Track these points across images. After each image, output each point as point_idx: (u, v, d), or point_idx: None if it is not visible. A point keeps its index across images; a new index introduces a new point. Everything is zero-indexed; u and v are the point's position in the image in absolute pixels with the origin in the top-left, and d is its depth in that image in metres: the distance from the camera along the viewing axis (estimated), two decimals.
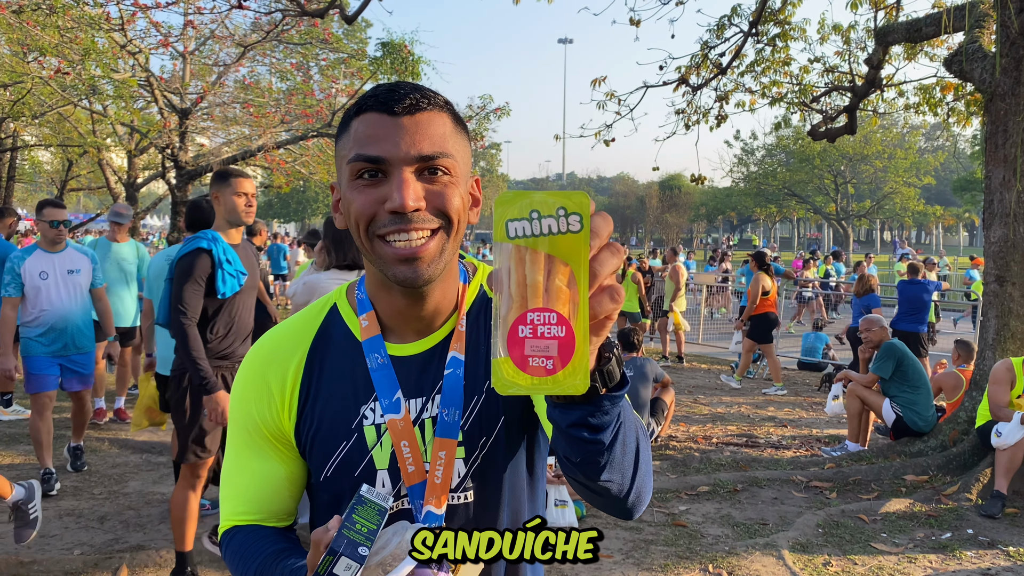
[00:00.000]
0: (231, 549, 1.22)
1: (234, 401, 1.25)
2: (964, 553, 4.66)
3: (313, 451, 1.20)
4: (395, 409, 1.16)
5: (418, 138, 1.06)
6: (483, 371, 1.20)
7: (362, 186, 1.07)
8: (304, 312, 1.27)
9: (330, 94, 13.29)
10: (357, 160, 1.07)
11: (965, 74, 6.59)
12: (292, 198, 54.27)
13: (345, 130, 1.12)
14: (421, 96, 1.09)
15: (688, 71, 9.44)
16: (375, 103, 1.08)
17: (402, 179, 1.05)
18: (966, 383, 6.87)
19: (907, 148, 46.25)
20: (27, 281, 5.14)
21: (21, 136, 16.62)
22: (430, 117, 1.08)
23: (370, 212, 1.07)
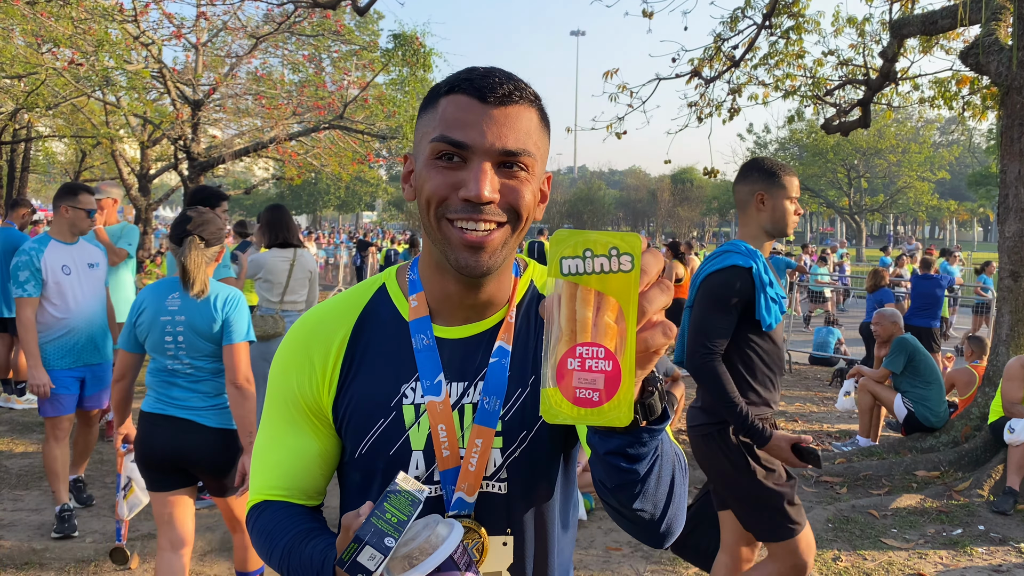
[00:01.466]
0: (259, 524, 1.22)
1: (274, 374, 1.26)
2: (975, 549, 4.63)
3: (350, 427, 1.20)
4: (436, 391, 1.16)
5: (505, 131, 1.07)
6: (530, 365, 1.21)
7: (440, 167, 1.08)
8: (352, 290, 1.29)
9: (342, 86, 13.29)
10: (440, 141, 1.07)
11: (981, 67, 6.52)
12: (304, 190, 54.43)
13: (432, 106, 1.12)
14: (515, 87, 1.09)
15: (701, 63, 9.39)
16: (469, 87, 1.08)
17: (481, 169, 1.06)
18: (979, 379, 6.83)
19: (921, 142, 45.95)
20: (48, 277, 4.31)
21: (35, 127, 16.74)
22: (519, 111, 1.09)
23: (443, 195, 1.08)
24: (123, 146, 15.41)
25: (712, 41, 9.31)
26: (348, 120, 11.94)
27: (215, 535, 4.48)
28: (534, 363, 1.21)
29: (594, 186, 70.97)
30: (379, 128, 12.27)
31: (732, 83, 9.78)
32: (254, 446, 1.29)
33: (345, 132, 12.65)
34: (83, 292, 4.47)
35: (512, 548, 1.20)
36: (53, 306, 4.36)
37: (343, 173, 14.15)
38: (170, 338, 3.04)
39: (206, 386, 3.10)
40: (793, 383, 10.39)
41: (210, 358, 3.09)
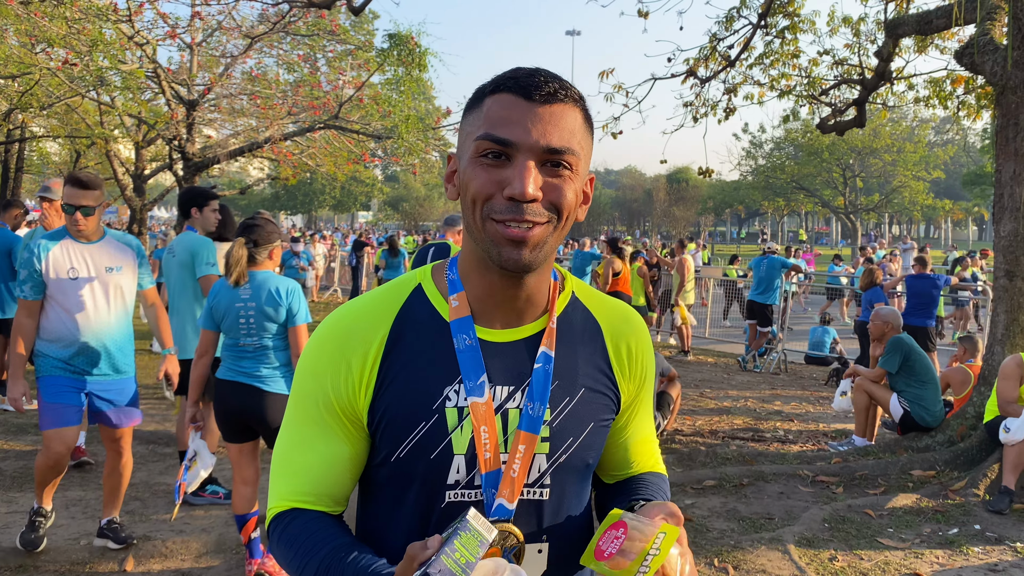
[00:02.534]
0: (287, 535, 1.17)
1: (305, 375, 1.21)
2: (971, 549, 4.64)
3: (387, 431, 1.16)
4: (479, 392, 1.15)
5: (550, 129, 1.08)
6: (579, 374, 1.22)
7: (485, 165, 1.09)
8: (385, 289, 1.26)
9: (337, 86, 13.27)
10: (485, 139, 1.08)
11: (976, 67, 6.53)
12: (299, 190, 54.36)
13: (477, 106, 1.13)
14: (560, 87, 1.10)
15: (696, 63, 9.39)
16: (514, 85, 1.09)
17: (525, 166, 1.07)
18: (974, 378, 6.84)
19: (916, 142, 46.06)
20: (50, 280, 3.80)
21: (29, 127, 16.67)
22: (564, 110, 1.10)
23: (487, 193, 1.09)
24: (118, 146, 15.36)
25: (707, 41, 9.31)
26: (343, 120, 11.93)
27: (210, 536, 4.46)
28: (582, 372, 1.23)
29: None
30: (374, 128, 12.25)
31: (728, 83, 9.78)
32: (275, 450, 1.25)
33: (340, 132, 12.64)
34: (95, 299, 3.87)
35: (547, 555, 1.20)
36: (56, 312, 3.85)
37: (338, 173, 14.12)
38: (243, 320, 3.77)
39: (269, 358, 3.74)
40: (789, 383, 10.40)
41: (273, 336, 3.74)
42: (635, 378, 1.31)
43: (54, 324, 3.84)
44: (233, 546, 4.33)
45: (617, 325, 1.30)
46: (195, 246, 4.93)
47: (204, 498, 5.05)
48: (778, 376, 10.92)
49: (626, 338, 1.30)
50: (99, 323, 3.90)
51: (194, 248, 4.92)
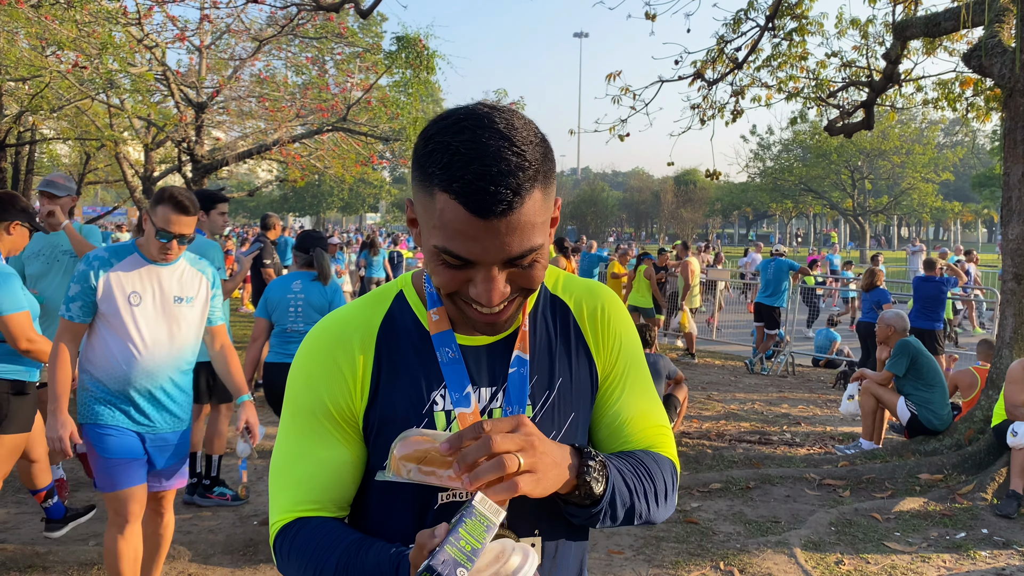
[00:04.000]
0: (297, 544, 1.17)
1: (298, 384, 1.22)
2: (978, 553, 4.62)
3: (381, 434, 1.18)
4: (465, 403, 1.18)
5: (509, 240, 1.01)
6: (556, 368, 1.24)
7: (448, 268, 1.06)
8: (369, 297, 1.27)
9: (345, 88, 13.30)
10: (443, 252, 1.03)
11: (984, 69, 6.52)
12: (307, 192, 54.47)
13: (428, 193, 1.03)
14: (515, 189, 0.99)
15: (704, 66, 9.39)
16: (464, 199, 0.98)
17: (489, 277, 1.04)
18: (982, 381, 6.81)
19: (925, 143, 45.90)
20: (105, 303, 3.07)
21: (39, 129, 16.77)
22: (523, 210, 1.01)
23: (454, 288, 1.08)
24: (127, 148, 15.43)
25: (715, 43, 9.31)
26: (351, 122, 11.96)
27: (218, 538, 4.48)
28: (559, 363, 1.25)
29: (597, 187, 70.96)
30: (382, 130, 12.28)
31: (735, 85, 9.78)
32: (273, 464, 1.25)
33: (348, 134, 12.68)
34: (153, 334, 3.14)
35: (540, 549, 1.22)
36: (105, 341, 3.11)
37: (346, 175, 14.16)
38: (293, 309, 4.77)
39: None
40: (796, 385, 10.38)
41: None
42: (608, 343, 1.29)
43: (100, 355, 3.11)
44: (240, 547, 4.35)
45: (582, 297, 1.31)
46: (202, 249, 4.96)
47: (211, 500, 5.07)
48: (785, 379, 10.90)
49: (590, 305, 1.30)
50: (156, 362, 3.16)
51: (201, 251, 4.95)
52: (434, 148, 1.02)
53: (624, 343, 1.31)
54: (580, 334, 1.28)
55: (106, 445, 3.07)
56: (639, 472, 1.22)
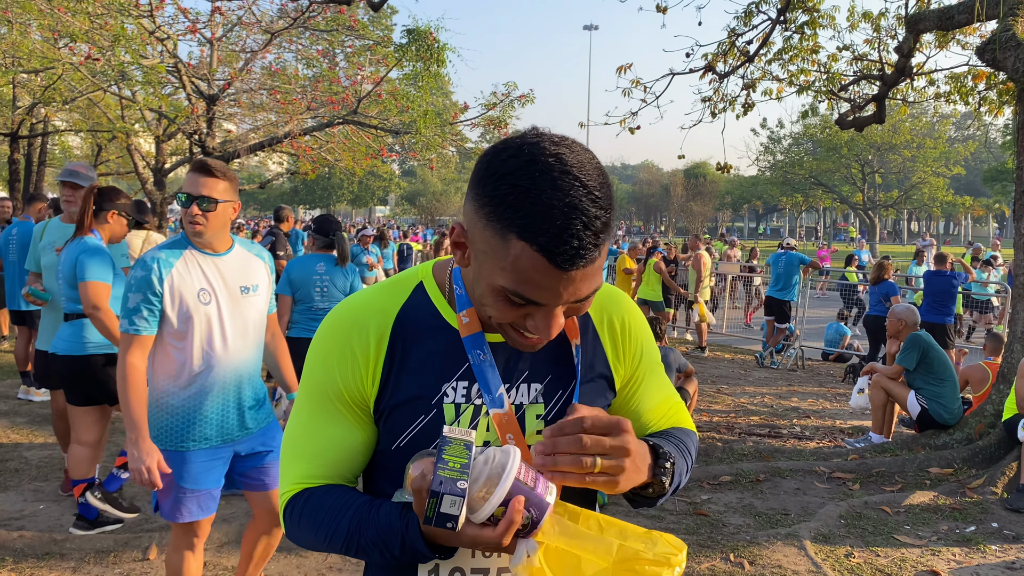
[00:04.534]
0: (308, 509, 1.20)
1: (315, 365, 1.25)
2: (988, 547, 4.63)
3: (390, 420, 1.21)
4: (499, 404, 1.20)
5: (581, 286, 1.04)
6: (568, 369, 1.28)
7: (510, 304, 1.08)
8: (389, 284, 1.29)
9: (355, 81, 13.32)
10: (513, 295, 1.05)
11: (998, 63, 6.48)
12: (317, 184, 54.58)
13: (501, 236, 1.02)
14: (596, 243, 1.01)
15: (715, 58, 9.37)
16: (548, 253, 0.99)
17: (552, 314, 1.08)
18: (993, 376, 6.80)
19: (937, 137, 45.63)
20: (174, 307, 2.76)
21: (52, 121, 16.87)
22: (596, 260, 1.04)
23: (510, 320, 1.11)
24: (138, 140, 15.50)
25: (726, 36, 9.28)
26: (362, 115, 11.97)
27: (232, 527, 4.53)
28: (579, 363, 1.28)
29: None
30: (392, 123, 12.30)
31: (746, 78, 9.75)
32: (285, 436, 1.29)
33: (359, 127, 12.68)
34: (233, 329, 2.87)
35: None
36: (184, 350, 2.79)
37: (356, 168, 14.19)
38: (319, 289, 5.26)
39: None
40: (806, 379, 10.38)
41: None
42: (629, 353, 1.34)
43: (175, 367, 2.80)
44: None
45: (603, 305, 1.34)
46: None
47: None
48: (795, 372, 10.89)
49: (610, 314, 1.33)
50: (238, 362, 2.89)
51: None
52: (509, 192, 1.01)
53: (644, 350, 1.36)
54: (599, 341, 1.31)
55: (190, 475, 2.82)
56: (683, 452, 1.29)
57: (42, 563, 3.97)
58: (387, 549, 1.12)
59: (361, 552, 1.15)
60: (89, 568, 3.95)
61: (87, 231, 4.04)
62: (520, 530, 1.05)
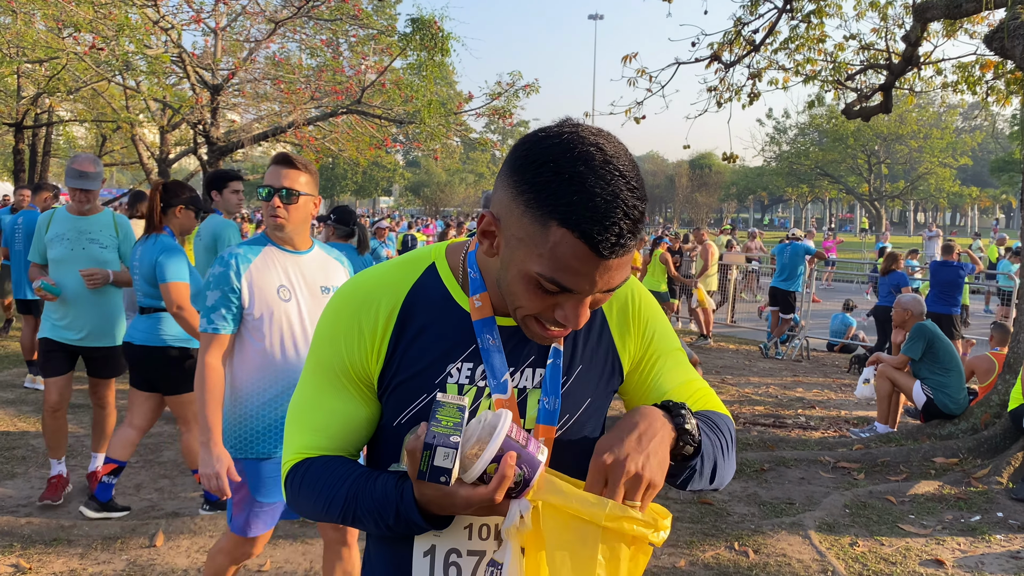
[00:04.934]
0: (307, 479, 1.21)
1: (323, 340, 1.26)
2: (993, 536, 4.63)
3: (392, 397, 1.23)
4: (503, 389, 1.21)
5: (616, 275, 1.06)
6: (572, 354, 1.27)
7: (541, 293, 1.07)
8: (401, 261, 1.30)
9: (359, 70, 13.29)
10: (549, 281, 1.05)
11: (1006, 51, 6.44)
12: (321, 175, 54.26)
13: (540, 222, 1.03)
14: (636, 231, 1.03)
15: (721, 48, 9.32)
16: (589, 240, 1.00)
17: (582, 303, 1.09)
18: (999, 366, 6.78)
19: (944, 128, 45.43)
20: (254, 304, 2.67)
21: (56, 111, 16.87)
22: (634, 251, 1.07)
23: (539, 310, 1.10)
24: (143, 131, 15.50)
25: (732, 25, 9.24)
26: (366, 105, 11.96)
27: None
28: (580, 351, 1.28)
29: None
30: (396, 113, 12.28)
31: (752, 68, 9.70)
32: (290, 408, 1.30)
33: (363, 117, 12.67)
34: (312, 330, 2.63)
35: None
36: (265, 350, 2.69)
37: (360, 158, 14.18)
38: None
39: None
40: (811, 370, 10.37)
41: None
42: (637, 333, 1.33)
43: (255, 368, 2.69)
44: None
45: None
46: (219, 229, 4.99)
47: None
48: (800, 363, 10.88)
49: (619, 297, 1.33)
50: None
51: (217, 231, 4.98)
52: (551, 179, 1.02)
53: (656, 329, 1.35)
54: (606, 327, 1.31)
55: (266, 488, 2.74)
56: (712, 427, 1.25)
57: (50, 549, 4.00)
58: (382, 519, 1.13)
59: (357, 522, 1.16)
60: (96, 554, 3.97)
61: (159, 229, 4.21)
62: (512, 488, 1.06)
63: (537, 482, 1.07)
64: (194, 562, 3.96)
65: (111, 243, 4.64)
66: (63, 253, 4.54)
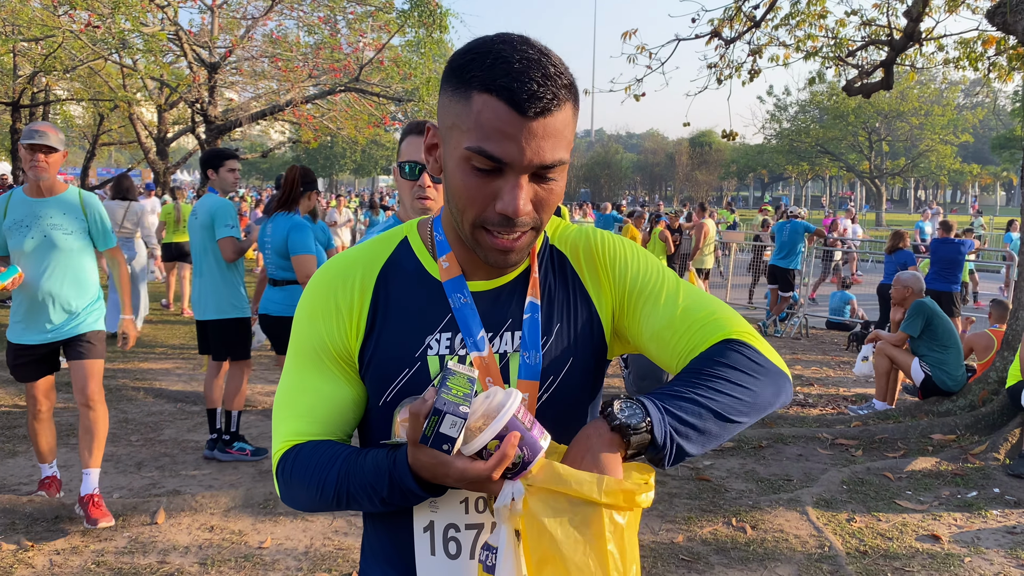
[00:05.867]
0: (299, 463, 1.19)
1: (301, 321, 1.25)
2: (990, 512, 4.66)
3: (375, 375, 1.21)
4: (480, 347, 1.20)
5: (543, 144, 1.06)
6: (549, 314, 1.24)
7: (476, 177, 1.08)
8: (375, 239, 1.30)
9: (357, 48, 13.21)
10: (478, 153, 1.05)
11: (1008, 27, 6.40)
12: (319, 153, 54.38)
13: (464, 96, 1.07)
14: (554, 93, 1.05)
15: (721, 24, 9.25)
16: (507, 94, 1.03)
17: (518, 184, 1.07)
18: (998, 343, 6.80)
19: (945, 105, 45.16)
20: None
21: (53, 90, 16.77)
22: (557, 116, 1.06)
23: (480, 205, 1.10)
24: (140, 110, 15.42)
25: (733, 1, 9.16)
26: (364, 83, 11.90)
27: (239, 492, 4.57)
28: (557, 310, 1.25)
29: (611, 150, 70.47)
30: (395, 91, 12.22)
31: (752, 44, 9.63)
32: (277, 396, 1.29)
33: (361, 95, 12.61)
34: None
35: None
36: None
37: (359, 136, 14.13)
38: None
39: None
40: (810, 347, 10.39)
41: None
42: (608, 273, 1.27)
43: None
44: (261, 501, 4.44)
45: (577, 241, 1.31)
46: (215, 208, 4.97)
47: (231, 455, 5.16)
48: (799, 341, 10.90)
49: (584, 246, 1.29)
50: None
51: (213, 210, 4.96)
52: (474, 57, 1.07)
53: (630, 265, 1.27)
54: (577, 279, 1.28)
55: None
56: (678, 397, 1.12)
57: (52, 527, 4.02)
58: (375, 492, 1.12)
59: (352, 501, 1.15)
60: (98, 532, 4.00)
61: (292, 208, 4.83)
62: (509, 469, 1.05)
63: (535, 467, 1.06)
64: (195, 539, 3.99)
65: (77, 227, 4.04)
66: (22, 243, 3.95)
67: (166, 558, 3.80)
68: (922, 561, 4.03)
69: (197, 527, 4.13)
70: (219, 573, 3.68)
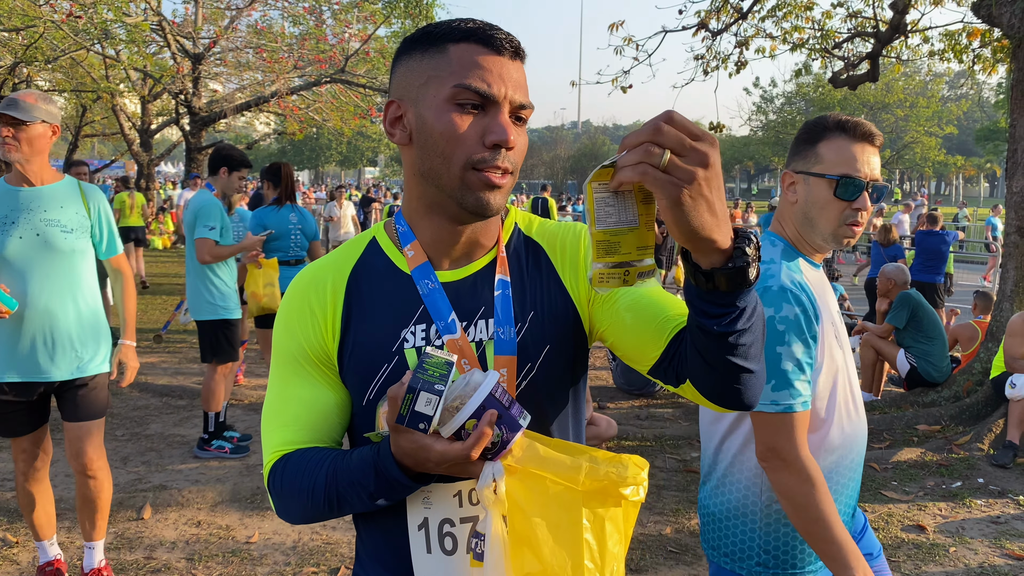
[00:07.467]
0: (288, 472, 1.19)
1: (279, 330, 1.26)
2: (974, 502, 4.70)
3: (354, 374, 1.21)
4: (452, 330, 1.20)
5: (518, 83, 1.14)
6: (527, 302, 1.24)
7: (462, 116, 1.11)
8: (344, 244, 1.32)
9: (343, 39, 13.14)
10: (465, 88, 1.10)
11: (993, 19, 6.42)
12: (305, 145, 54.08)
13: (437, 51, 1.13)
14: (518, 44, 1.16)
15: (708, 16, 9.25)
16: (482, 37, 1.12)
17: (504, 117, 1.12)
18: (982, 334, 6.85)
19: (930, 96, 45.41)
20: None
21: (35, 81, 16.58)
22: (521, 67, 1.16)
23: (469, 144, 1.11)
24: (123, 101, 15.28)
25: None
26: (349, 74, 11.84)
27: (225, 487, 4.55)
28: (530, 298, 1.25)
29: (598, 141, 70.42)
30: (381, 82, 12.16)
31: (739, 36, 9.63)
32: (264, 408, 1.28)
33: (347, 86, 12.55)
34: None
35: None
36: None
37: (345, 128, 14.07)
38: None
39: None
40: None
41: None
42: (587, 263, 1.26)
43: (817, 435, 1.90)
44: (248, 495, 4.42)
45: (555, 234, 1.32)
46: (199, 207, 4.86)
47: (209, 452, 5.10)
48: None
49: (562, 238, 1.31)
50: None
51: (198, 208, 4.86)
52: (438, 25, 1.15)
53: None
54: (553, 269, 1.28)
55: None
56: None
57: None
58: (363, 488, 1.11)
59: (343, 502, 1.14)
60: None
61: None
62: (488, 449, 1.05)
63: (515, 447, 1.06)
64: (182, 534, 3.97)
65: (79, 225, 3.14)
66: (4, 244, 3.00)
67: (153, 554, 3.78)
68: (908, 551, 4.06)
69: (184, 522, 4.10)
70: (206, 568, 3.66)
